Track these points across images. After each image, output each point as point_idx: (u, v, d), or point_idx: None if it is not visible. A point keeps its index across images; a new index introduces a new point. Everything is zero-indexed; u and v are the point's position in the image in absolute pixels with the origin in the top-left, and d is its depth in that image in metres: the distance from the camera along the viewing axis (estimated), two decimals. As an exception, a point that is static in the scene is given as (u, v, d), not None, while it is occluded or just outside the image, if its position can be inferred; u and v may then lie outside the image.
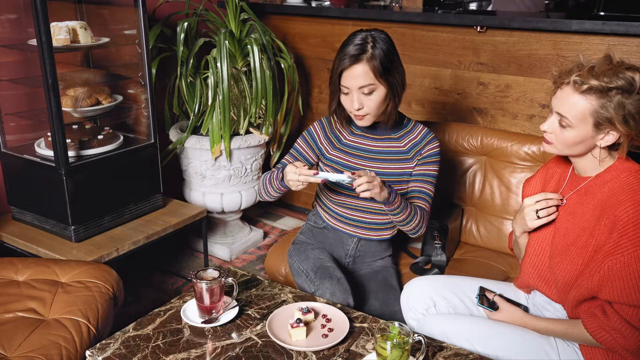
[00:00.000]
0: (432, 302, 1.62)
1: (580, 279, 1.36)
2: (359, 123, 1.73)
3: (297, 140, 1.87)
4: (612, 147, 1.36)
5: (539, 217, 1.45)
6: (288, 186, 1.66)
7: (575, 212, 1.41)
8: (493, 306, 1.54)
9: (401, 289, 1.84)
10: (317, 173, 1.55)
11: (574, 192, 1.43)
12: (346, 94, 1.67)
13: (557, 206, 1.46)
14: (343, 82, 1.65)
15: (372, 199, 1.64)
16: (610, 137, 1.31)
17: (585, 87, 1.28)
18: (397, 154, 1.80)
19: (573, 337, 1.41)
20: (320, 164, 1.87)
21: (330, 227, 1.89)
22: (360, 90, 1.64)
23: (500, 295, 1.56)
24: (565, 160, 1.52)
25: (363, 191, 1.54)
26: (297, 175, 1.57)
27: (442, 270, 1.98)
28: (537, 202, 1.46)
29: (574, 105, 1.31)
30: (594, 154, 1.36)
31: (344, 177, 1.54)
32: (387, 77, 1.64)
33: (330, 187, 1.83)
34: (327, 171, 1.78)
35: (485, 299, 1.56)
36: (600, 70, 1.28)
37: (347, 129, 1.82)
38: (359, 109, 1.67)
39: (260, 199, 1.93)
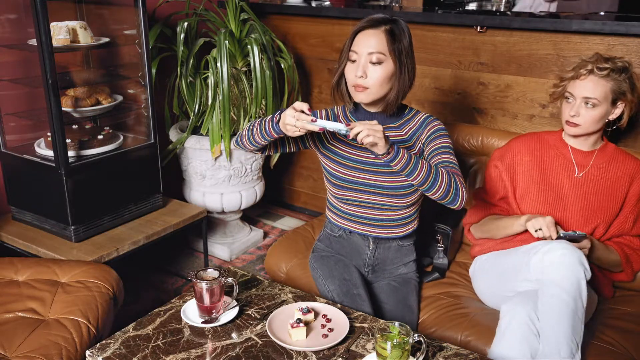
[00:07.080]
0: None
1: (615, 224, 1.77)
2: (357, 97, 1.65)
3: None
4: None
5: None
6: (282, 131, 1.57)
7: (600, 176, 1.77)
8: (575, 237, 1.64)
9: (418, 306, 1.79)
10: (315, 120, 1.49)
11: (592, 162, 1.78)
12: (353, 61, 1.62)
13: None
14: (354, 45, 1.60)
15: (377, 170, 1.58)
16: (618, 110, 1.73)
17: (605, 72, 1.67)
18: (398, 143, 1.71)
19: (607, 261, 1.75)
20: (318, 150, 1.80)
21: (345, 235, 1.83)
22: (369, 57, 1.59)
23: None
24: (548, 141, 1.85)
25: (365, 136, 1.44)
26: (294, 120, 1.50)
27: (443, 273, 1.97)
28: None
29: (599, 87, 1.68)
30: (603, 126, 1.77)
31: (341, 127, 1.48)
32: (399, 56, 1.60)
33: (334, 182, 1.76)
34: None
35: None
36: (606, 59, 1.70)
37: (347, 120, 1.76)
38: (361, 77, 1.59)
39: (237, 144, 1.75)
